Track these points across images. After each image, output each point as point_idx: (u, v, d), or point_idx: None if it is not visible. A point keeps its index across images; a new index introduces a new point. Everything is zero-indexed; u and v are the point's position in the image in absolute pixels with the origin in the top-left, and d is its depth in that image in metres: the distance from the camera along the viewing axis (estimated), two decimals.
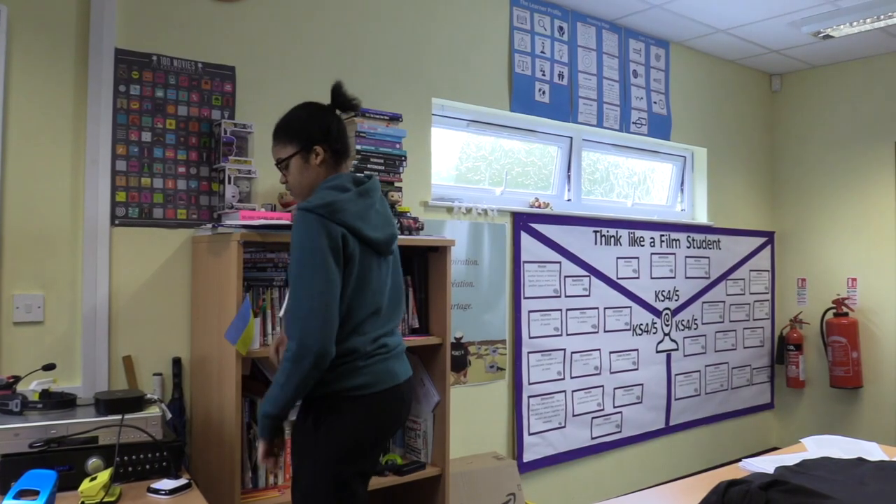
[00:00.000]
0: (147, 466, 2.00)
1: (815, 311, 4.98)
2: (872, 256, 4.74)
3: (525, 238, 3.70)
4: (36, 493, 1.70)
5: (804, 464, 1.90)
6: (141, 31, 2.60)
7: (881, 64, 4.72)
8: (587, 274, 3.98)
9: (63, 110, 2.46)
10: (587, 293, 3.98)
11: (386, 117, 2.84)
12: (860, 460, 1.91)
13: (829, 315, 4.81)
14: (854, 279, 4.83)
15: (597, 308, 4.03)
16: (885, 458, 2.05)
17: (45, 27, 2.43)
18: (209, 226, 2.49)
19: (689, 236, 4.60)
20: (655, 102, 4.42)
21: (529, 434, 3.68)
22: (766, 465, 2.01)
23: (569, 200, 4.12)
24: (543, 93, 3.81)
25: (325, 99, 2.16)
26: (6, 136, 2.34)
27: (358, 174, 2.26)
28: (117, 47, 2.53)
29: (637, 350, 4.24)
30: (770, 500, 1.55)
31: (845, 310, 4.74)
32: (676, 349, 4.48)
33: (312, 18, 3.02)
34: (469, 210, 3.50)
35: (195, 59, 2.71)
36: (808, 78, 5.11)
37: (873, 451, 2.15)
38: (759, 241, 5.11)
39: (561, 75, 3.89)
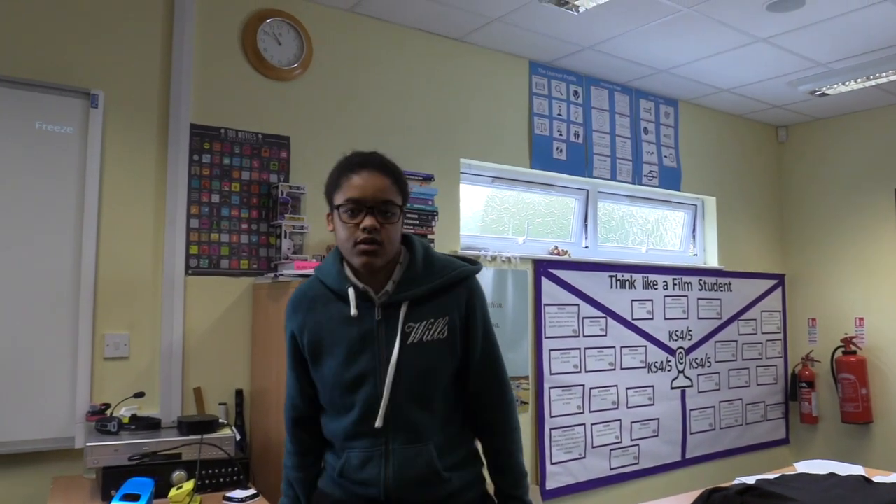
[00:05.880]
0: (222, 480, 2.37)
1: (825, 350, 5.21)
2: (878, 297, 4.99)
3: (546, 283, 4.05)
4: (137, 496, 2.07)
5: (783, 477, 2.19)
6: (211, 108, 3.05)
7: (879, 116, 5.04)
8: (604, 315, 4.31)
9: (147, 177, 2.90)
10: (604, 333, 4.30)
11: (420, 177, 3.24)
12: (831, 475, 2.20)
13: (839, 353, 5.04)
14: (861, 319, 5.07)
15: (613, 347, 4.34)
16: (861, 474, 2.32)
17: (133, 107, 2.89)
18: (270, 275, 2.89)
19: (700, 279, 4.90)
20: (666, 156, 4.78)
21: (552, 463, 3.97)
22: (753, 481, 2.31)
23: (586, 248, 4.47)
24: (561, 151, 4.20)
25: None
26: (102, 201, 2.78)
27: None
28: (192, 122, 2.98)
29: (652, 386, 4.52)
30: (744, 503, 1.86)
31: (853, 348, 4.97)
32: (691, 386, 4.75)
33: (355, 94, 3.45)
34: (494, 258, 3.86)
35: (256, 131, 3.15)
36: (813, 129, 5.44)
37: (856, 472, 2.42)
38: (770, 283, 5.39)
39: (577, 134, 4.29)
